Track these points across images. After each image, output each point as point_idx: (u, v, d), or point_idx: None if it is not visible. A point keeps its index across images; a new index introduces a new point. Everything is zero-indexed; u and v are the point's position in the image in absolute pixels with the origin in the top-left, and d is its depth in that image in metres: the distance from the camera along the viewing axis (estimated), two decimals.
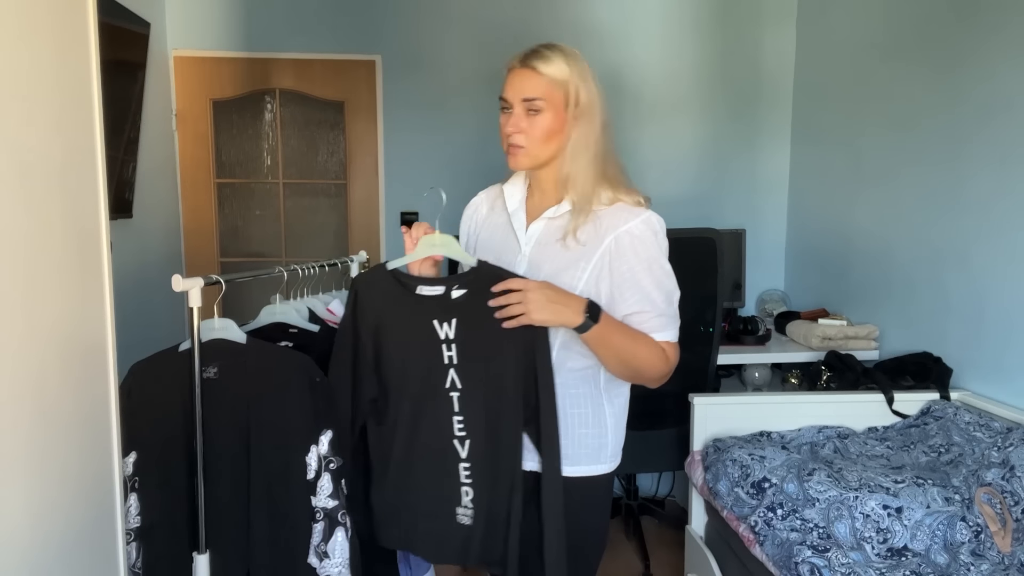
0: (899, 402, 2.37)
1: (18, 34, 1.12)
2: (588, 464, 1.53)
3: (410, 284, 1.50)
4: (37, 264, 1.17)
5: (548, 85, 1.44)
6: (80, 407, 1.29)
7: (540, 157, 1.49)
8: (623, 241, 1.45)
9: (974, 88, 2.36)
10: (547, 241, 1.52)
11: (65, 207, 1.25)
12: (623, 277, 1.45)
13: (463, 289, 1.47)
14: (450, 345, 1.48)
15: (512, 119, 1.46)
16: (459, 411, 1.48)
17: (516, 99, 1.45)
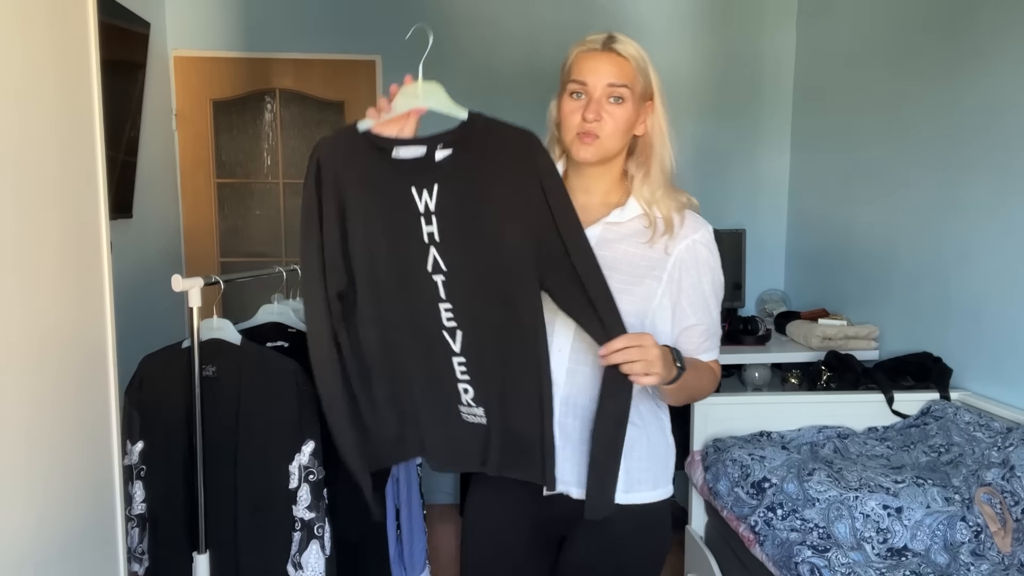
0: (899, 402, 2.37)
1: (18, 34, 1.12)
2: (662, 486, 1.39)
3: (385, 147, 1.25)
4: (37, 264, 1.17)
5: (633, 72, 1.32)
6: (80, 405, 1.29)
7: (611, 151, 1.35)
8: (697, 252, 1.36)
9: (974, 89, 2.36)
10: (610, 244, 1.36)
11: (65, 207, 1.25)
12: (692, 289, 1.36)
13: (448, 148, 1.23)
14: (429, 218, 1.23)
15: (592, 105, 1.31)
16: (446, 297, 1.27)
17: (599, 84, 1.30)
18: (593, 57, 1.32)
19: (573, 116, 1.32)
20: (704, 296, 1.37)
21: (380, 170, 1.25)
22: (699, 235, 1.37)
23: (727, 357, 2.83)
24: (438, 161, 1.22)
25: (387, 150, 1.24)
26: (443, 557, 2.90)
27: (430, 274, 1.25)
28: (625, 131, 1.34)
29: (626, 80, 1.31)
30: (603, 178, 1.39)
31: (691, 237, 1.36)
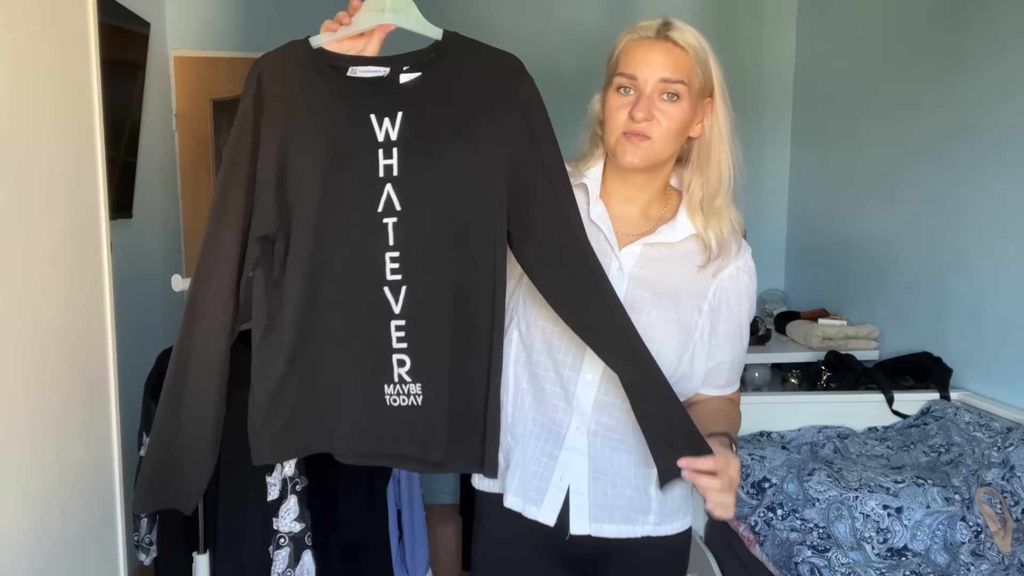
0: (899, 402, 2.37)
1: (19, 34, 1.12)
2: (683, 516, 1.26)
3: (340, 65, 1.08)
4: (37, 264, 1.17)
5: (691, 65, 1.14)
6: (80, 405, 1.29)
7: (661, 156, 1.17)
8: (739, 281, 1.23)
9: (974, 88, 2.36)
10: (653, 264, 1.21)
11: (65, 207, 1.25)
12: (730, 320, 1.23)
13: (417, 72, 1.07)
14: (389, 150, 1.06)
15: (643, 102, 1.12)
16: (394, 243, 1.07)
17: (651, 78, 1.12)
18: (645, 47, 1.14)
19: (619, 114, 1.14)
20: (740, 327, 1.25)
21: (334, 92, 1.07)
22: (742, 260, 1.24)
23: None
24: (403, 84, 1.06)
25: (342, 69, 1.07)
26: (444, 557, 2.90)
27: (380, 215, 1.06)
28: (679, 133, 1.16)
29: (682, 74, 1.13)
30: (648, 187, 1.22)
31: (735, 264, 1.22)
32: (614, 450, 1.20)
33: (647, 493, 1.21)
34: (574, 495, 1.20)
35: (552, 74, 1.50)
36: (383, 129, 1.06)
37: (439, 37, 1.08)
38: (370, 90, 1.06)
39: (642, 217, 1.23)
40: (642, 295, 1.19)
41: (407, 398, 1.10)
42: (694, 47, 1.14)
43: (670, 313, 1.18)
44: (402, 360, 1.09)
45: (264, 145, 1.07)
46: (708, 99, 1.18)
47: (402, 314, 1.07)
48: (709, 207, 1.19)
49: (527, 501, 1.22)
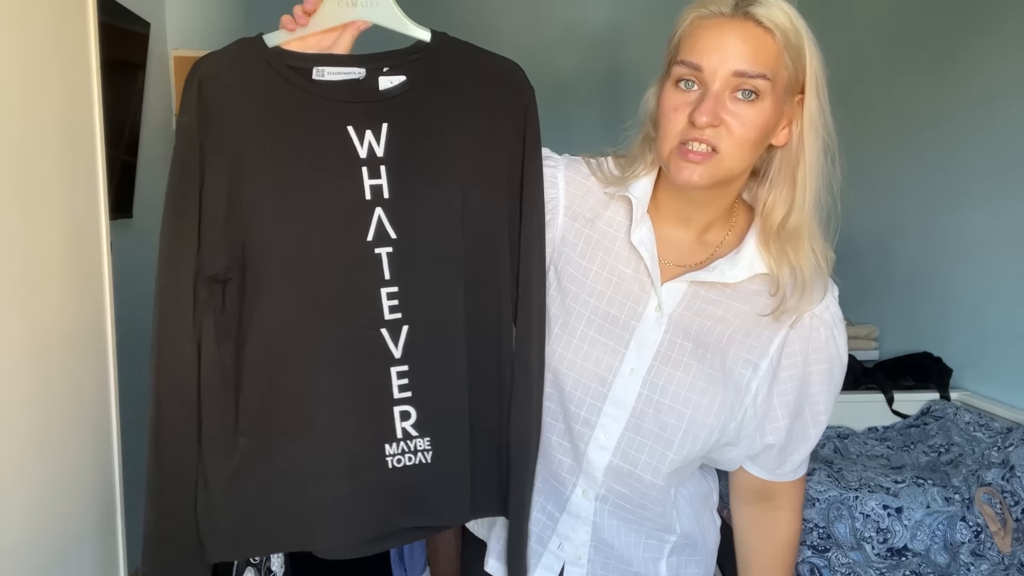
0: (899, 402, 2.37)
1: (18, 34, 1.12)
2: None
3: (302, 66, 0.90)
4: (37, 264, 1.17)
5: (777, 52, 0.86)
6: (80, 406, 1.29)
7: (732, 172, 0.90)
8: (812, 329, 0.95)
9: (975, 88, 2.36)
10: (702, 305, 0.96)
11: (65, 207, 1.25)
12: (793, 384, 0.96)
13: (399, 75, 0.90)
14: (376, 168, 0.88)
15: (709, 101, 0.85)
16: (391, 277, 0.89)
17: (724, 69, 0.85)
18: (716, 27, 0.86)
19: (677, 116, 0.88)
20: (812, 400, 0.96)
21: (296, 100, 0.88)
22: (820, 307, 0.94)
23: None
24: (384, 91, 0.90)
25: (306, 71, 0.90)
26: (443, 557, 2.89)
27: (370, 244, 0.89)
28: (757, 142, 0.89)
29: (765, 66, 0.86)
30: (710, 205, 0.96)
31: (810, 310, 0.94)
32: (624, 522, 1.01)
33: (655, 569, 1.03)
34: (570, 565, 1.03)
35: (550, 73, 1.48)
36: (365, 143, 0.89)
37: (426, 38, 0.93)
38: (344, 96, 0.90)
39: (697, 243, 0.98)
40: (682, 344, 0.95)
41: (413, 456, 0.92)
42: (783, 28, 0.87)
43: (716, 371, 0.94)
44: (406, 412, 0.91)
45: (210, 168, 0.88)
46: (799, 96, 0.92)
47: (404, 358, 0.90)
48: (786, 232, 0.93)
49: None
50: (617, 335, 0.96)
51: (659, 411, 0.94)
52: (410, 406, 0.91)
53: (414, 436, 0.91)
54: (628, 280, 0.97)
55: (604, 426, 0.96)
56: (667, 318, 0.96)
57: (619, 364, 0.95)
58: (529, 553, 1.02)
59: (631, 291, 0.97)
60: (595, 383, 0.96)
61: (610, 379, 0.96)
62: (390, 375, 0.90)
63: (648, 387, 0.95)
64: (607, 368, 0.96)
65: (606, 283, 0.97)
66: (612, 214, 0.99)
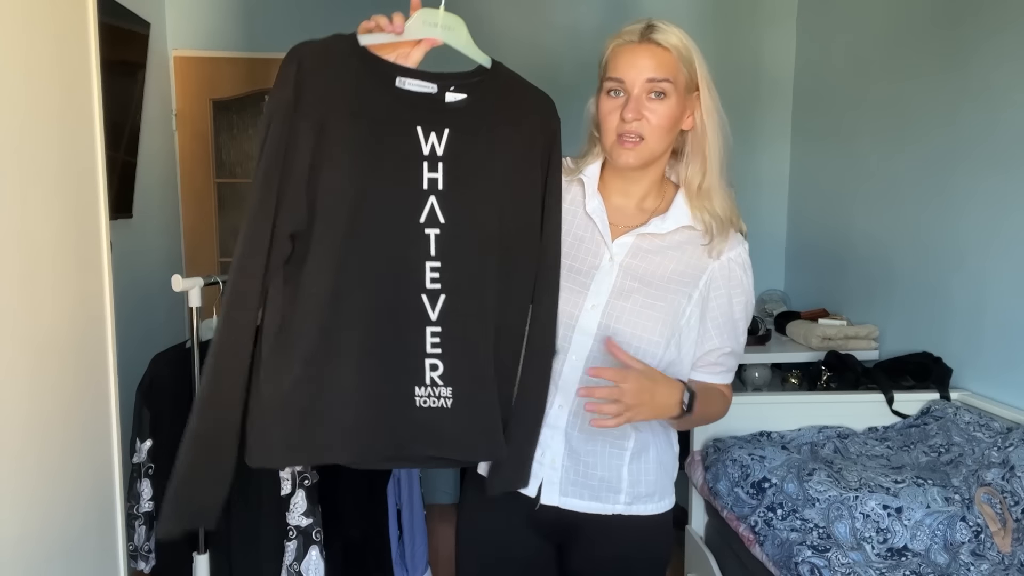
0: (899, 402, 2.37)
1: (19, 34, 1.12)
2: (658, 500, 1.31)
3: (386, 72, 1.08)
4: (37, 264, 1.17)
5: (675, 63, 1.20)
6: (80, 405, 1.29)
7: (655, 152, 1.24)
8: (731, 272, 1.29)
9: (975, 88, 2.36)
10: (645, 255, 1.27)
11: (65, 207, 1.25)
12: (721, 311, 1.28)
13: (463, 93, 1.11)
14: (435, 163, 1.09)
15: (632, 104, 1.19)
16: (435, 254, 1.10)
17: (638, 79, 1.19)
18: (630, 51, 1.21)
19: (612, 117, 1.21)
20: (734, 321, 1.29)
21: (381, 97, 1.07)
22: (734, 253, 1.29)
23: None
24: (449, 103, 1.09)
25: (390, 76, 1.07)
26: (444, 557, 2.90)
27: (422, 226, 1.09)
28: (670, 128, 1.23)
29: (667, 73, 1.20)
30: (643, 180, 1.29)
31: (727, 254, 1.28)
32: (589, 432, 1.25)
33: (619, 475, 1.27)
34: (548, 469, 1.27)
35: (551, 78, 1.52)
36: (429, 143, 1.09)
37: (487, 64, 1.14)
38: (418, 104, 1.08)
39: (637, 210, 1.30)
40: (630, 284, 1.25)
41: (437, 400, 1.11)
42: (676, 47, 1.20)
43: (657, 301, 1.24)
44: (435, 364, 1.10)
45: (298, 135, 1.03)
46: (695, 93, 1.24)
47: (438, 321, 1.10)
48: (709, 194, 1.25)
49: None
50: (581, 281, 1.26)
51: (616, 335, 1.22)
52: (439, 360, 1.11)
53: (439, 385, 1.11)
54: (587, 241, 1.29)
55: (575, 350, 1.25)
56: (618, 266, 1.26)
57: (583, 302, 1.25)
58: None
59: (590, 248, 1.28)
60: (566, 317, 1.25)
61: (577, 313, 1.25)
62: (425, 333, 1.10)
63: (606, 317, 1.24)
64: (574, 305, 1.25)
65: (570, 245, 1.28)
66: (572, 195, 1.31)
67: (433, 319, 1.10)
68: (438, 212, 1.09)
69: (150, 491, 1.62)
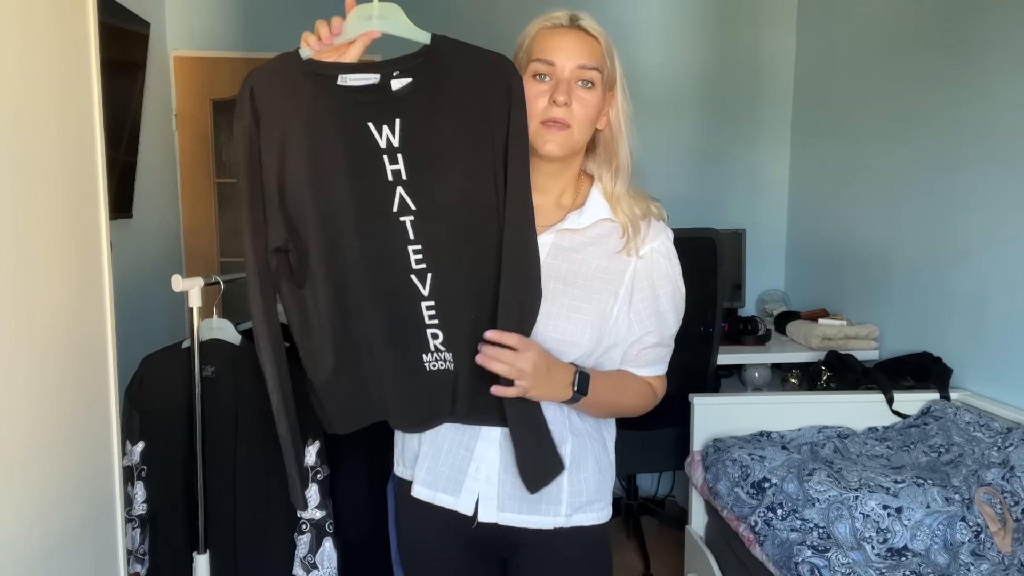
0: (899, 402, 2.37)
1: (19, 34, 1.12)
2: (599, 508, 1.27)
3: (328, 74, 1.10)
4: (37, 264, 1.17)
5: (603, 54, 1.17)
6: (80, 405, 1.29)
7: (579, 143, 1.19)
8: (654, 261, 1.23)
9: (974, 88, 2.36)
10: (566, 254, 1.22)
11: (65, 207, 1.25)
12: (645, 301, 1.23)
13: (407, 77, 1.10)
14: (394, 155, 1.11)
15: (564, 85, 1.14)
16: (415, 238, 1.15)
17: (569, 64, 1.14)
18: (560, 34, 1.16)
19: (538, 100, 1.15)
20: (659, 310, 1.24)
21: (327, 102, 1.10)
22: (657, 243, 1.23)
23: (728, 357, 2.83)
24: (395, 91, 1.09)
25: (331, 77, 1.09)
26: None
27: (396, 215, 1.13)
28: (593, 121, 1.19)
29: (596, 62, 1.16)
30: (560, 176, 1.24)
31: (648, 245, 1.22)
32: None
33: (558, 484, 1.21)
34: (484, 484, 1.22)
35: None
36: (383, 136, 1.11)
37: (426, 41, 1.11)
38: (363, 98, 1.10)
39: (555, 207, 1.25)
40: (553, 286, 1.20)
41: (443, 363, 1.19)
42: (604, 36, 1.18)
43: (582, 303, 1.19)
44: (435, 334, 1.18)
45: (265, 161, 1.12)
46: (610, 92, 1.21)
47: (431, 296, 1.16)
48: (622, 194, 1.23)
49: (440, 491, 1.25)
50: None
51: (543, 342, 1.17)
52: (438, 329, 1.18)
53: (442, 351, 1.19)
54: None
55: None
56: (548, 253, 1.20)
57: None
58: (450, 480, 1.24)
59: None
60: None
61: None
62: (421, 309, 1.17)
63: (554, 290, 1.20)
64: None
65: None
66: None
67: (425, 295, 1.17)
68: (408, 200, 1.13)
69: (143, 494, 1.62)
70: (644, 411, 1.30)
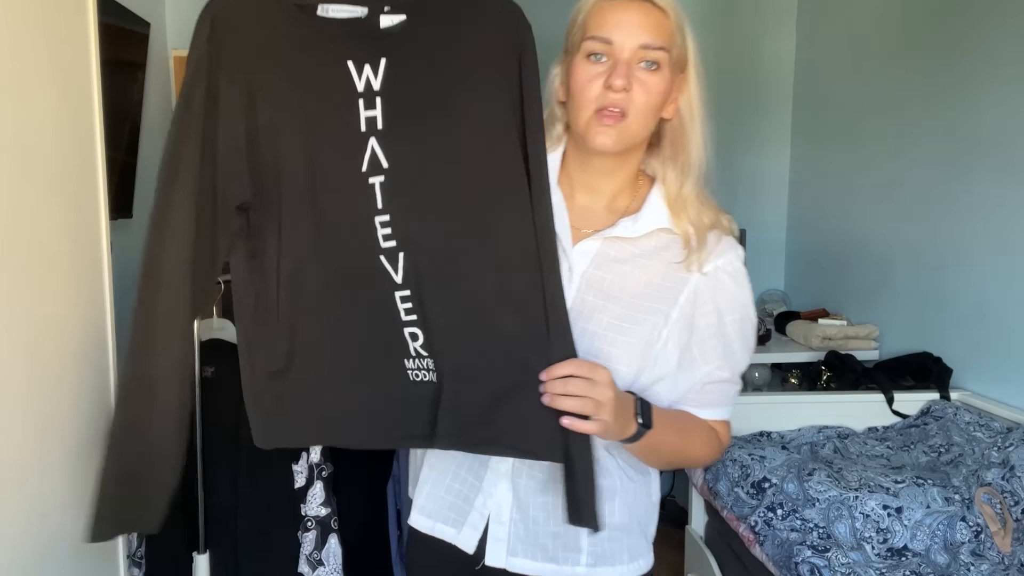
0: (899, 402, 2.37)
1: (18, 34, 1.12)
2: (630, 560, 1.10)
3: (307, 2, 0.94)
4: (37, 264, 1.17)
5: (672, 30, 0.98)
6: (80, 406, 1.29)
7: (638, 136, 1.01)
8: (720, 281, 1.04)
9: (974, 88, 2.36)
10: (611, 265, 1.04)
11: (65, 207, 1.25)
12: (711, 328, 1.03)
13: (401, 14, 0.93)
14: (372, 100, 0.93)
15: (622, 68, 0.95)
16: (383, 206, 0.94)
17: (629, 42, 0.96)
18: (621, 6, 0.97)
19: (593, 85, 0.97)
20: (727, 340, 1.04)
21: (304, 36, 0.93)
22: (724, 260, 1.04)
23: None
24: (384, 28, 0.92)
25: (311, 8, 0.93)
26: None
27: (364, 175, 0.93)
28: (656, 109, 1.00)
29: (664, 40, 0.97)
30: (616, 174, 1.06)
31: (713, 263, 1.03)
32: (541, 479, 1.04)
33: (577, 530, 1.02)
34: (493, 522, 1.05)
35: None
36: (363, 77, 0.92)
37: None
38: (346, 33, 0.92)
39: (607, 210, 1.07)
40: (592, 301, 1.02)
41: (426, 373, 0.97)
42: (675, 9, 0.99)
43: (625, 322, 1.01)
44: (414, 333, 0.96)
45: (227, 101, 0.93)
46: (683, 74, 1.03)
47: (405, 283, 0.95)
48: (688, 199, 1.04)
49: (440, 521, 1.08)
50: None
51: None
52: (416, 328, 0.96)
53: (424, 356, 0.97)
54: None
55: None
56: (578, 278, 1.03)
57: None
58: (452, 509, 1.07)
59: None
60: None
61: None
62: (395, 299, 0.95)
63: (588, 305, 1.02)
64: None
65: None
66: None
67: (398, 282, 0.95)
68: (380, 156, 0.93)
69: None
70: (707, 463, 1.13)
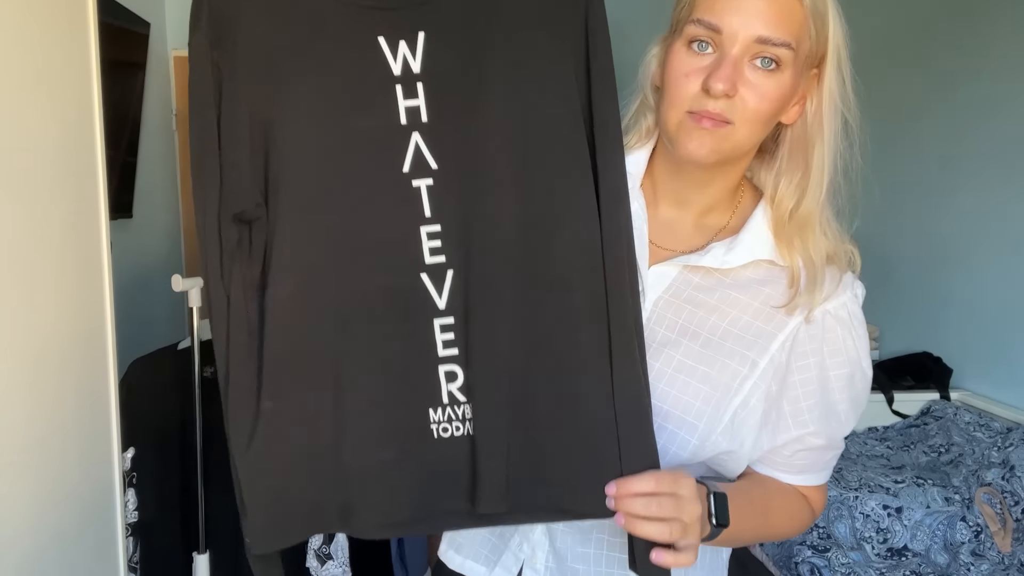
0: (899, 402, 2.37)
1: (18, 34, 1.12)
2: None
3: None
4: (37, 264, 1.17)
5: (804, 20, 0.79)
6: (80, 406, 1.29)
7: (741, 147, 0.80)
8: (827, 328, 0.83)
9: (972, 87, 2.36)
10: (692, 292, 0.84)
11: (65, 207, 1.25)
12: (809, 386, 0.83)
13: None
14: (412, 86, 0.76)
15: (727, 67, 0.75)
16: (431, 214, 0.76)
17: (744, 32, 0.76)
18: None
19: (688, 81, 0.78)
20: (829, 399, 0.83)
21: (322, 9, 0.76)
22: (836, 304, 0.83)
23: None
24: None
25: None
26: None
27: (407, 177, 0.76)
28: (771, 117, 0.80)
29: (790, 33, 0.77)
30: (712, 185, 0.86)
31: (824, 306, 0.82)
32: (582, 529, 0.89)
33: None
34: (527, 568, 0.91)
35: None
36: (399, 57, 0.75)
37: None
38: (374, 2, 0.76)
39: (696, 227, 0.88)
40: (665, 335, 0.83)
41: (461, 424, 0.77)
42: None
43: (701, 363, 0.82)
44: (452, 372, 0.77)
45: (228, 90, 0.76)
46: (816, 71, 0.84)
47: (449, 309, 0.77)
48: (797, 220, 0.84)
49: (471, 559, 0.93)
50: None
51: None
52: (457, 365, 0.77)
53: (461, 402, 0.77)
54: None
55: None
56: (650, 305, 0.84)
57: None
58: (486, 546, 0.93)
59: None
60: None
61: None
62: (434, 328, 0.77)
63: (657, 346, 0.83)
64: None
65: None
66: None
67: (441, 307, 0.76)
68: (426, 155, 0.76)
69: (135, 501, 1.61)
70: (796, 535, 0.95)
